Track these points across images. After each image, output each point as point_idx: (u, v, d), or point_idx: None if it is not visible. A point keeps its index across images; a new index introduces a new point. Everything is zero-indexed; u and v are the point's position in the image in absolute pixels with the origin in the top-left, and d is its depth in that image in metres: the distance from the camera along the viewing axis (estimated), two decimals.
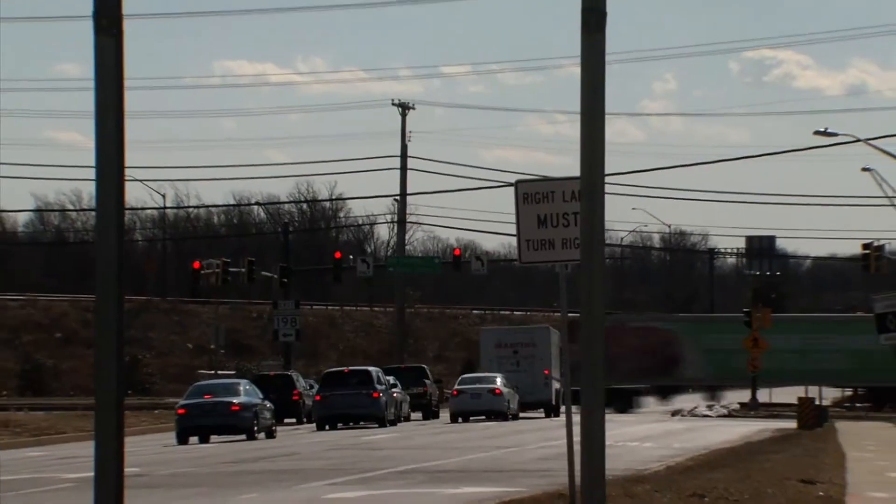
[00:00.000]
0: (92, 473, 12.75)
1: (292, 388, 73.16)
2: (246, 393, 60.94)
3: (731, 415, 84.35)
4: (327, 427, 67.34)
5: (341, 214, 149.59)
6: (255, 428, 59.19)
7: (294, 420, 73.55)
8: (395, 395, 73.01)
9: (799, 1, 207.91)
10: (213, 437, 58.91)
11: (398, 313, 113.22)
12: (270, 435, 60.73)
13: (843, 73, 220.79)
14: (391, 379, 74.68)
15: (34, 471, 40.26)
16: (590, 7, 12.34)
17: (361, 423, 68.89)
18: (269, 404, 62.97)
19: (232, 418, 58.98)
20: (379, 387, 69.94)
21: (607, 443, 12.55)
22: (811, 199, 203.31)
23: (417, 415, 79.58)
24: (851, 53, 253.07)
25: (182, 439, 58.08)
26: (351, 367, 75.10)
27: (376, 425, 68.02)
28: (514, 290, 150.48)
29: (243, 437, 58.19)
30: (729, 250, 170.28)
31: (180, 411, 59.54)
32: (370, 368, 73.63)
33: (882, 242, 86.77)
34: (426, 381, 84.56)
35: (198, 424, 58.76)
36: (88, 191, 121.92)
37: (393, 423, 70.07)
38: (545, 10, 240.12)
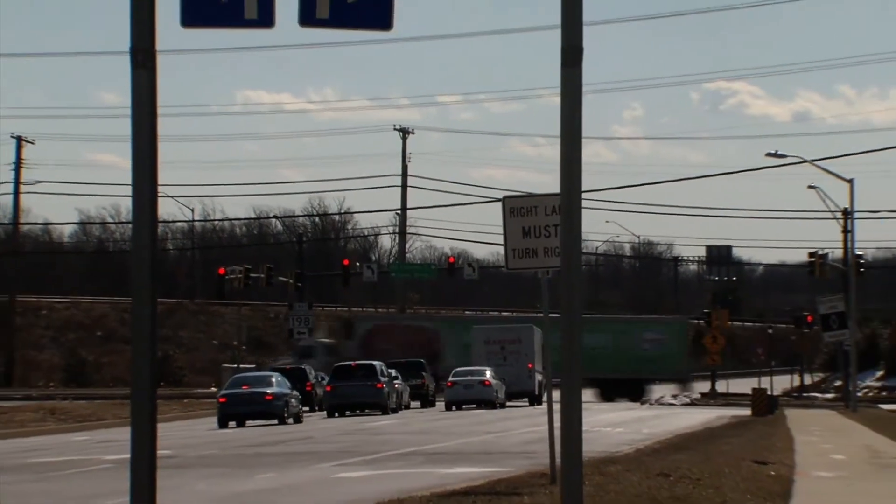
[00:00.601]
0: (129, 455, 12.76)
1: (306, 380, 72.86)
2: (278, 384, 62.03)
3: (693, 403, 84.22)
4: (337, 414, 67.30)
5: (349, 226, 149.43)
6: (285, 414, 60.23)
7: (307, 408, 73.42)
8: (396, 386, 72.96)
9: (751, 38, 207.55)
10: (249, 422, 59.55)
11: (400, 313, 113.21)
12: (298, 420, 61.65)
13: (790, 102, 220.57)
14: (393, 372, 74.61)
15: (78, 453, 40.20)
16: (568, 44, 12.37)
17: (367, 410, 68.81)
18: (296, 393, 64.22)
19: (266, 406, 59.89)
20: (382, 379, 69.90)
21: (584, 428, 12.57)
22: (763, 212, 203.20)
23: (416, 403, 79.46)
24: (797, 85, 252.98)
25: (223, 424, 58.90)
26: (357, 362, 74.89)
27: (380, 413, 67.95)
28: (502, 293, 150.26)
29: (275, 421, 59.05)
30: (691, 258, 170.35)
31: (221, 400, 60.48)
32: (374, 363, 73.47)
33: (826, 251, 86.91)
34: (424, 373, 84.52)
35: (236, 411, 59.78)
36: (126, 206, 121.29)
37: (395, 410, 70.00)
38: (528, 47, 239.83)
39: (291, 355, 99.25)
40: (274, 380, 62.89)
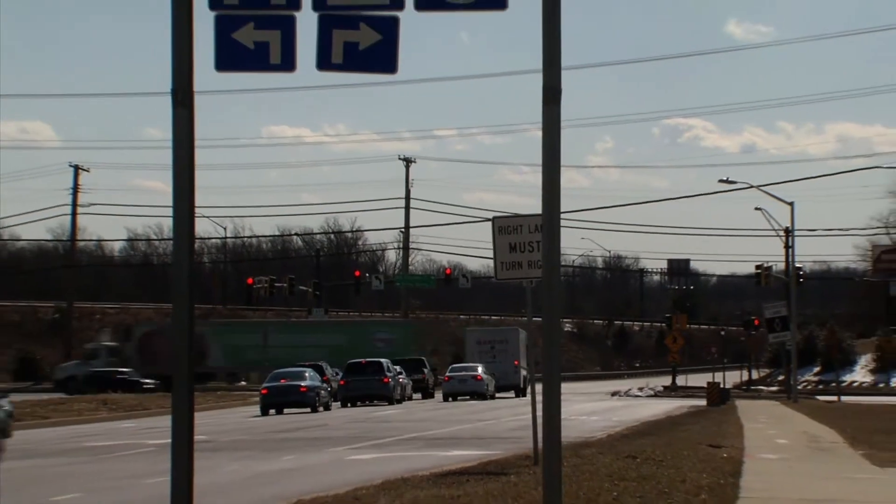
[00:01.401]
0: (169, 440, 12.72)
1: (322, 375, 72.86)
2: (311, 378, 63.36)
3: (657, 395, 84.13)
4: (349, 405, 67.30)
5: (360, 242, 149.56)
6: (317, 403, 61.36)
7: (307, 406, 73.50)
8: (400, 380, 72.96)
9: (704, 81, 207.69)
10: (286, 410, 60.17)
11: (403, 318, 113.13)
12: (327, 408, 62.79)
13: (738, 136, 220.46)
14: (398, 368, 74.63)
15: (126, 438, 40.22)
16: (549, 85, 12.35)
17: (375, 401, 68.79)
18: (326, 386, 65.93)
19: (300, 396, 60.92)
20: (388, 374, 69.89)
21: (562, 417, 12.54)
22: (716, 231, 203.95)
23: (418, 395, 79.41)
24: (744, 121, 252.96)
25: (264, 411, 59.58)
26: (367, 359, 74.82)
27: (386, 403, 67.92)
28: (492, 300, 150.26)
29: (308, 409, 59.55)
30: (654, 270, 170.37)
31: (264, 391, 61.39)
32: (381, 360, 73.45)
33: (770, 264, 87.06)
34: (424, 369, 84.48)
35: (276, 401, 60.47)
36: (167, 224, 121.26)
37: (399, 401, 69.98)
38: (513, 88, 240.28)
39: (83, 357, 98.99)
40: (307, 374, 64.01)
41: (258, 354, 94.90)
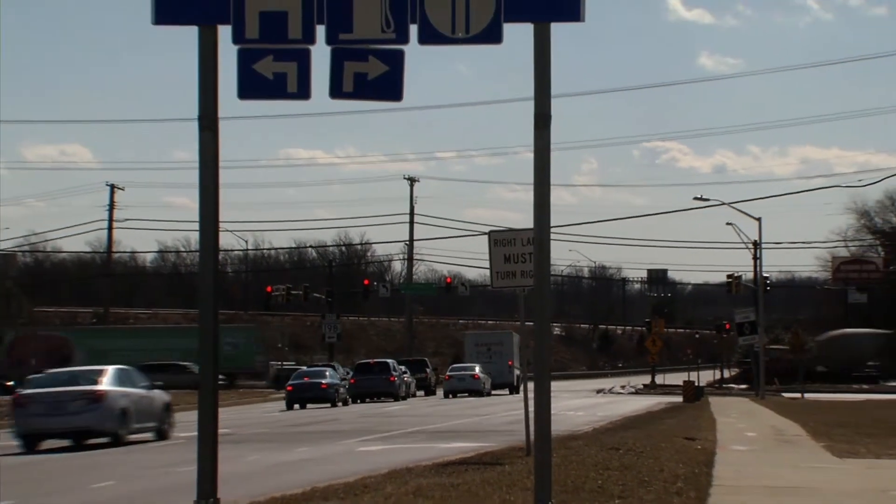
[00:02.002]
0: (196, 433, 12.71)
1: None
2: (331, 376, 63.92)
3: (637, 392, 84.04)
4: (359, 401, 67.26)
5: (368, 254, 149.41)
6: (336, 398, 61.96)
7: (328, 402, 73.45)
8: (405, 378, 72.92)
9: (679, 108, 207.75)
10: (309, 405, 60.69)
11: (408, 322, 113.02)
12: (346, 403, 63.31)
13: (710, 158, 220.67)
14: (403, 367, 74.60)
15: None
16: (539, 112, 12.35)
17: (382, 398, 68.76)
18: (345, 383, 66.43)
19: (322, 392, 61.50)
20: (394, 373, 69.89)
21: (552, 412, 12.53)
22: (691, 243, 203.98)
23: (421, 392, 79.38)
24: (716, 144, 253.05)
25: (290, 406, 60.39)
26: (375, 360, 74.87)
27: (392, 400, 67.89)
28: (489, 307, 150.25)
29: (328, 405, 59.82)
30: (635, 279, 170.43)
31: (289, 388, 61.98)
32: (388, 360, 73.46)
33: (740, 273, 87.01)
34: (427, 369, 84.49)
35: (300, 396, 61.16)
36: (195, 238, 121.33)
37: (404, 398, 69.93)
38: (507, 114, 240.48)
39: None
40: (328, 373, 64.66)
41: (119, 358, 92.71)
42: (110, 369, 36.02)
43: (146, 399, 36.00)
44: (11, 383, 67.98)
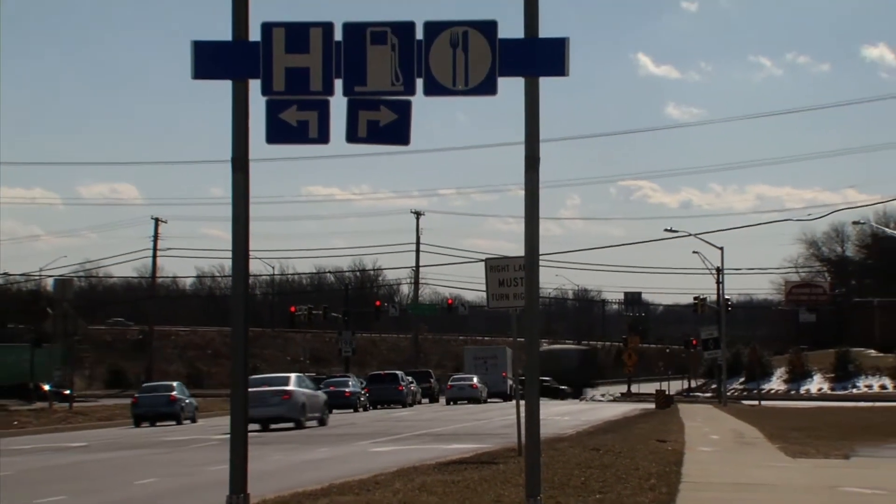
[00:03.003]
0: (229, 435, 12.66)
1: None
2: (353, 385, 64.29)
3: (615, 400, 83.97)
4: (371, 407, 67.16)
5: (379, 278, 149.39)
6: (358, 405, 62.33)
7: (350, 408, 73.44)
8: (412, 388, 72.79)
9: (650, 151, 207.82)
10: (334, 410, 60.05)
11: (414, 338, 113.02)
12: (366, 409, 63.29)
13: (677, 194, 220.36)
14: (410, 378, 74.48)
15: (195, 434, 40.10)
16: (529, 155, 12.36)
17: (392, 405, 68.66)
18: (364, 392, 65.88)
19: (344, 399, 61.02)
20: (402, 383, 69.82)
21: (540, 417, 12.49)
22: (662, 269, 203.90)
23: (426, 399, 79.22)
24: (682, 183, 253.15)
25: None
26: (386, 371, 74.77)
27: (401, 406, 67.80)
28: (485, 325, 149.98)
29: (350, 410, 60.68)
30: (613, 300, 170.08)
31: None
32: (397, 372, 73.37)
33: (705, 296, 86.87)
34: (431, 379, 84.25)
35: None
36: (228, 265, 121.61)
37: (411, 405, 69.80)
38: (501, 156, 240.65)
39: None
40: (350, 382, 64.60)
41: None
42: (293, 376, 45.52)
43: (314, 397, 44.92)
44: (68, 392, 67.82)
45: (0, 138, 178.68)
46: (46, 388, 71.30)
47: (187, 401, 52.81)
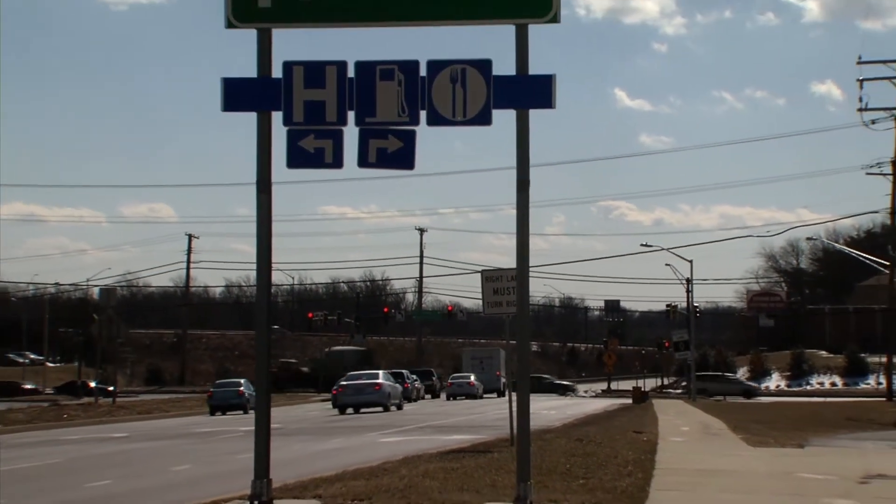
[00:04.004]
0: (253, 427, 12.64)
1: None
2: (385, 377, 61.54)
3: (597, 396, 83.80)
4: None
5: (387, 287, 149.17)
6: (395, 402, 59.04)
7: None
8: (416, 385, 72.55)
9: (626, 175, 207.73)
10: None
11: (418, 341, 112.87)
12: (400, 407, 60.58)
13: (651, 213, 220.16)
14: (414, 376, 74.23)
15: (223, 426, 40.06)
16: (520, 178, 12.35)
17: None
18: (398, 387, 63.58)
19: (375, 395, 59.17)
20: (408, 380, 69.43)
21: (530, 411, 12.47)
22: (638, 280, 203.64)
23: (428, 396, 79.01)
24: (655, 204, 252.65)
25: (336, 405, 57.83)
26: (392, 370, 74.56)
27: (406, 401, 67.54)
28: (481, 329, 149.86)
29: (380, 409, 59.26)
30: (595, 307, 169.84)
31: (334, 391, 58.99)
32: (403, 371, 73.11)
33: (676, 303, 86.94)
34: (433, 377, 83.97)
35: (347, 402, 58.45)
36: (253, 275, 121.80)
37: (415, 400, 69.43)
38: (495, 179, 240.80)
39: None
40: (382, 375, 62.40)
41: None
42: (381, 372, 54.96)
43: (394, 388, 52.95)
44: (112, 388, 67.81)
45: (53, 164, 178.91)
46: (92, 384, 71.19)
47: (251, 394, 53.63)
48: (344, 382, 52.01)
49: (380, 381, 51.52)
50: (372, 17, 12.39)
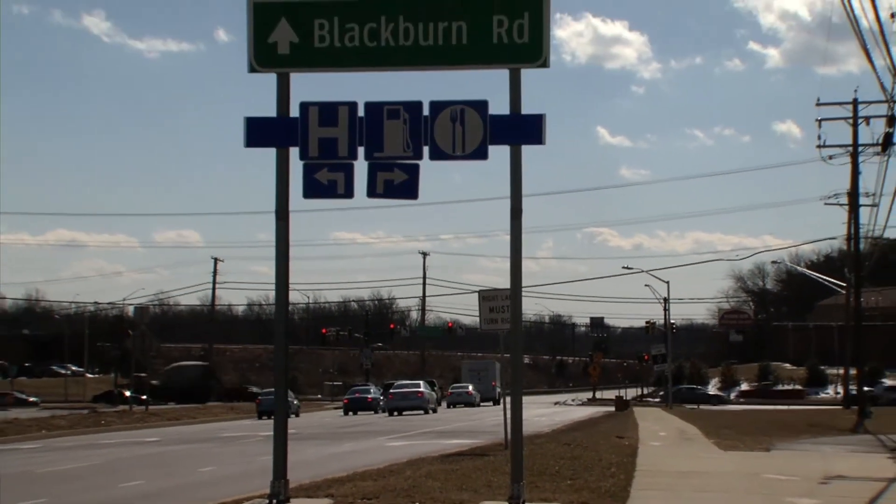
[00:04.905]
0: (272, 432, 12.59)
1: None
2: (374, 392, 62.41)
3: (583, 404, 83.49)
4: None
5: (393, 306, 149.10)
6: (377, 408, 59.89)
7: (372, 410, 73.11)
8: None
9: (608, 204, 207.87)
10: (360, 412, 58.97)
11: (421, 354, 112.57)
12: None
13: (631, 239, 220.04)
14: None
15: (246, 431, 39.91)
16: (514, 207, 12.35)
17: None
18: (382, 397, 62.69)
19: (366, 403, 59.70)
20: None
21: (523, 418, 12.42)
22: (620, 299, 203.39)
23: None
24: (635, 230, 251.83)
25: (346, 413, 58.35)
26: (398, 382, 74.22)
27: (387, 413, 67.23)
28: (479, 343, 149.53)
29: (372, 412, 59.14)
30: (581, 324, 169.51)
31: (345, 401, 60.37)
32: (409, 382, 72.77)
33: (654, 320, 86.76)
34: (434, 387, 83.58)
35: (354, 407, 59.05)
36: (272, 295, 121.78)
37: None
38: (490, 208, 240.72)
39: None
40: (371, 389, 63.04)
41: None
42: (422, 382, 61.05)
43: (432, 395, 58.77)
44: (145, 397, 67.77)
45: (92, 195, 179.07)
46: (127, 394, 71.03)
47: (294, 401, 55.92)
48: (393, 391, 57.52)
49: (421, 389, 57.67)
50: (380, 63, 12.42)
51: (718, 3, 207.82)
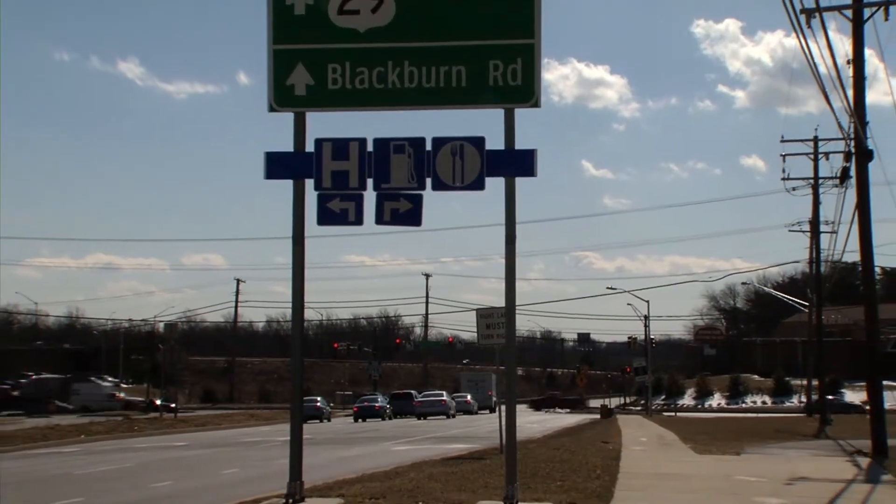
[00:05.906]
0: (288, 437, 12.51)
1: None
2: (381, 400, 61.67)
3: (570, 412, 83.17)
4: (393, 418, 66.31)
5: (399, 322, 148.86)
6: (384, 415, 59.69)
7: (380, 417, 72.86)
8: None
9: (592, 231, 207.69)
10: (368, 419, 58.39)
11: (424, 367, 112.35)
12: (390, 418, 60.70)
13: (614, 262, 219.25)
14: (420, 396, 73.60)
15: (264, 437, 39.70)
16: (508, 234, 12.33)
17: (408, 415, 67.87)
18: (388, 405, 62.30)
19: (374, 411, 59.14)
20: (416, 399, 68.86)
21: (516, 425, 12.35)
22: (605, 316, 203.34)
23: None
24: (617, 254, 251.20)
25: (356, 420, 58.03)
26: (403, 391, 74.03)
27: (415, 417, 67.05)
28: (476, 356, 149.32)
29: (379, 419, 58.74)
30: (570, 339, 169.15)
31: (355, 409, 60.01)
32: (412, 391, 72.58)
33: (636, 336, 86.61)
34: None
35: (362, 414, 58.83)
36: (289, 313, 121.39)
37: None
38: (486, 234, 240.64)
39: None
40: (378, 398, 62.14)
41: None
42: (444, 392, 64.50)
43: (451, 402, 62.10)
44: (174, 405, 67.47)
45: (127, 221, 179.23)
46: (158, 402, 70.89)
47: (326, 408, 59.72)
48: (420, 399, 61.50)
49: (444, 398, 62.25)
50: (387, 103, 12.45)
51: (690, 51, 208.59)
